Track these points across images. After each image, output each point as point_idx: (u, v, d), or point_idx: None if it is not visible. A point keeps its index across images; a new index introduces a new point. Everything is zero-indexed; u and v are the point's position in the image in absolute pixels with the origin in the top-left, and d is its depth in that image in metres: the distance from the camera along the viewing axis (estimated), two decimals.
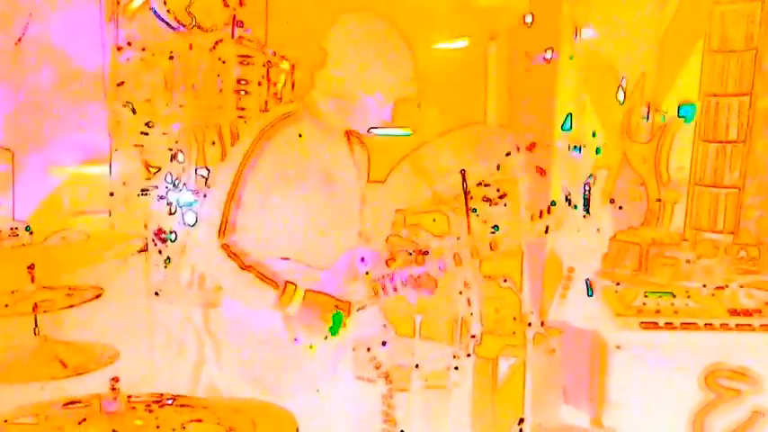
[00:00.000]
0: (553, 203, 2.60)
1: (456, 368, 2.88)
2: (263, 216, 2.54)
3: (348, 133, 2.67)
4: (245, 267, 2.49)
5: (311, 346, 2.57)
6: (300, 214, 2.57)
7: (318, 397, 2.64)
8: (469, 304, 2.83)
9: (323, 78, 2.57)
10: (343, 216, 2.65)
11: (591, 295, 3.04)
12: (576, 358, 3.20)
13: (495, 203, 2.80)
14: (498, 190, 2.86)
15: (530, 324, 3.06)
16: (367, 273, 2.61)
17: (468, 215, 2.62)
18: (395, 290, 2.60)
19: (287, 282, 2.51)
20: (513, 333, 3.06)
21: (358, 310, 2.58)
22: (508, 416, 3.05)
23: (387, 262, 2.62)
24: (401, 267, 2.60)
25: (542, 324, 3.14)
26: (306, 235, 2.58)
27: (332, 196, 2.61)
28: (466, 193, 2.66)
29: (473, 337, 2.88)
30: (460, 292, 2.78)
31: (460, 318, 2.87)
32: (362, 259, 2.63)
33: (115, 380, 2.02)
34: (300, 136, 2.55)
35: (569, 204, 2.85)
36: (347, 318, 2.56)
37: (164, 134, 3.33)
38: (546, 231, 2.55)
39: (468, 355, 2.89)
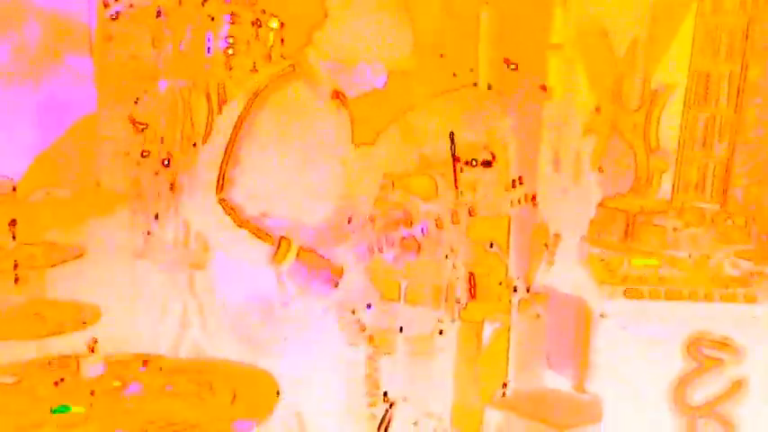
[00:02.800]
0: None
1: (441, 332, 2.88)
2: (256, 173, 2.53)
3: (335, 93, 2.65)
4: (241, 223, 2.50)
5: None
6: (291, 172, 2.56)
7: (303, 358, 2.65)
8: (455, 269, 2.83)
9: (322, 39, 2.55)
10: (327, 176, 2.65)
11: None
12: (561, 324, 3.20)
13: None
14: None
15: (515, 289, 3.06)
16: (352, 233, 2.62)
17: (456, 178, 2.61)
18: (380, 251, 2.60)
19: (282, 237, 2.52)
20: (500, 297, 3.06)
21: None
22: (492, 380, 3.07)
23: (372, 221, 2.62)
24: (387, 230, 2.60)
25: (528, 290, 3.13)
26: (295, 193, 2.58)
27: (318, 156, 2.60)
28: (454, 156, 2.64)
29: (458, 301, 2.89)
30: (446, 257, 2.77)
31: (446, 282, 2.87)
32: (349, 220, 2.63)
33: (93, 341, 2.02)
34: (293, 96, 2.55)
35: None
36: (340, 279, 2.57)
37: (153, 92, 3.31)
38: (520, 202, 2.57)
39: (453, 320, 2.89)
